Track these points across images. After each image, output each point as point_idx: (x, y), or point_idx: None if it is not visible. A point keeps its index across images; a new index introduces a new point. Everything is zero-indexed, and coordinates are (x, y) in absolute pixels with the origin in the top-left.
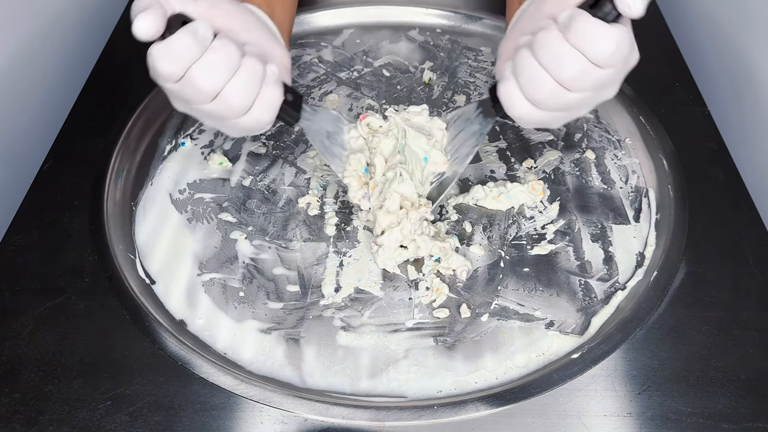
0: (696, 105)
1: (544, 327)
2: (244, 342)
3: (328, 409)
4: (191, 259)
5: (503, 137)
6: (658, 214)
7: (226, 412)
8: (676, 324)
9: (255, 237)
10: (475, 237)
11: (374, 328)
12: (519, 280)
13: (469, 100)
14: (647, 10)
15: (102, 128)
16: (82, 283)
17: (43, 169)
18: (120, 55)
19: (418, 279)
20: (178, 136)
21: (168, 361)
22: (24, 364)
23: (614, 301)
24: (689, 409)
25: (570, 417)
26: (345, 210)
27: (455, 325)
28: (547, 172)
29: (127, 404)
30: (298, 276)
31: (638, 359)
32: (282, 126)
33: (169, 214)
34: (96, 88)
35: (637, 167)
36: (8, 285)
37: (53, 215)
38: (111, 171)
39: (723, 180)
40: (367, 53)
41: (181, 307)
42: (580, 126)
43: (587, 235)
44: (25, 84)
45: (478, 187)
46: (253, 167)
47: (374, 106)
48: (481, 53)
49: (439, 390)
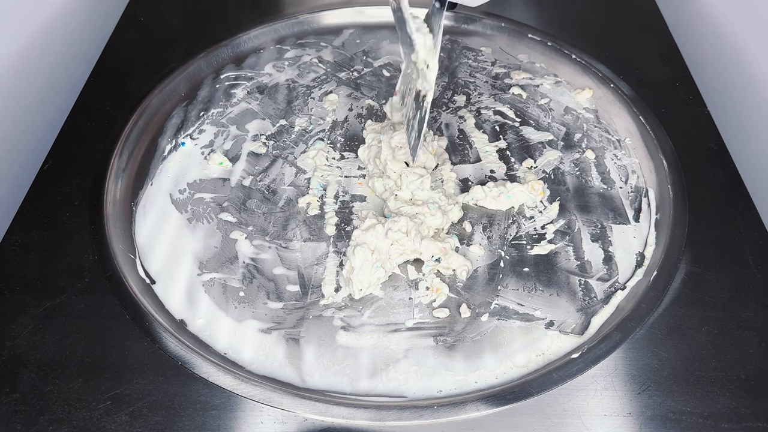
0: (696, 105)
1: (544, 327)
2: (244, 342)
3: (328, 408)
4: (191, 259)
5: (503, 137)
6: (657, 214)
7: (226, 412)
8: (676, 324)
9: (255, 237)
10: (475, 237)
11: (374, 327)
12: (519, 279)
13: (469, 101)
14: (647, 10)
15: (102, 128)
16: (82, 283)
17: (43, 169)
18: (120, 56)
19: (418, 279)
20: (178, 136)
21: (168, 361)
22: (24, 364)
23: (614, 301)
24: (689, 409)
25: (570, 417)
26: (345, 210)
27: (455, 325)
28: (547, 172)
29: (127, 404)
30: (298, 276)
31: (638, 359)
32: (282, 126)
33: (169, 214)
34: (96, 88)
35: (637, 167)
36: (8, 285)
37: (53, 215)
38: (111, 171)
39: (723, 180)
40: (367, 53)
41: (181, 307)
42: (580, 126)
43: (587, 235)
44: (25, 84)
45: (478, 187)
46: (253, 167)
47: (374, 106)
48: (481, 53)
49: (439, 390)
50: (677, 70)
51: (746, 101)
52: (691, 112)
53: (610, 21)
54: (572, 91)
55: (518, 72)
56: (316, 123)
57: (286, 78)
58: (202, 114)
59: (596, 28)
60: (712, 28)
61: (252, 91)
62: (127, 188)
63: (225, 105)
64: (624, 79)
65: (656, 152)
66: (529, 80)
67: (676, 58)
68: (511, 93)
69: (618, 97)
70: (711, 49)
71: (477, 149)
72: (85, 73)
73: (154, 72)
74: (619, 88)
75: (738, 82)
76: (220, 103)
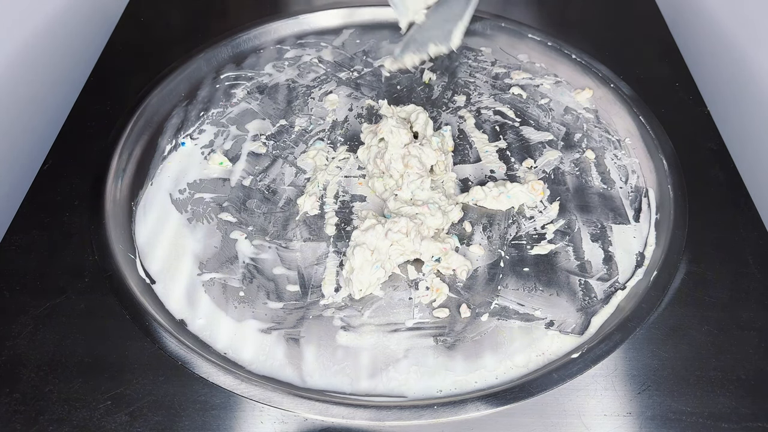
0: (696, 105)
1: (544, 327)
2: (244, 342)
3: (328, 408)
4: (191, 258)
5: (503, 137)
6: (657, 214)
7: (226, 412)
8: (676, 324)
9: (255, 237)
10: (475, 237)
11: (374, 327)
12: (519, 279)
13: (469, 101)
14: (647, 10)
15: (102, 128)
16: (82, 283)
17: (43, 169)
18: (120, 56)
19: (418, 279)
20: (178, 136)
21: (168, 361)
22: (24, 364)
23: (614, 301)
24: (689, 409)
25: (570, 417)
26: (345, 210)
27: (455, 325)
28: (547, 172)
29: (127, 404)
30: (298, 276)
31: (638, 359)
32: (282, 126)
33: (169, 214)
34: (96, 88)
35: (636, 167)
36: (8, 285)
37: (53, 215)
38: (111, 171)
39: (723, 180)
40: (367, 53)
41: (181, 306)
42: (580, 126)
43: (587, 234)
44: (26, 84)
45: (478, 188)
46: (253, 167)
47: (374, 106)
48: (481, 53)
49: (439, 390)
50: (677, 70)
51: (746, 101)
52: (691, 112)
53: (610, 21)
54: (572, 91)
55: (518, 72)
56: (316, 123)
57: (286, 78)
58: (202, 114)
59: (596, 28)
60: (712, 28)
61: (252, 91)
62: (127, 188)
63: (225, 105)
64: (624, 79)
65: (656, 152)
66: (529, 80)
67: (676, 58)
68: (511, 93)
69: (618, 97)
70: (711, 49)
71: (477, 149)
72: (85, 73)
73: (154, 72)
74: (619, 88)
75: (738, 82)
76: (220, 103)
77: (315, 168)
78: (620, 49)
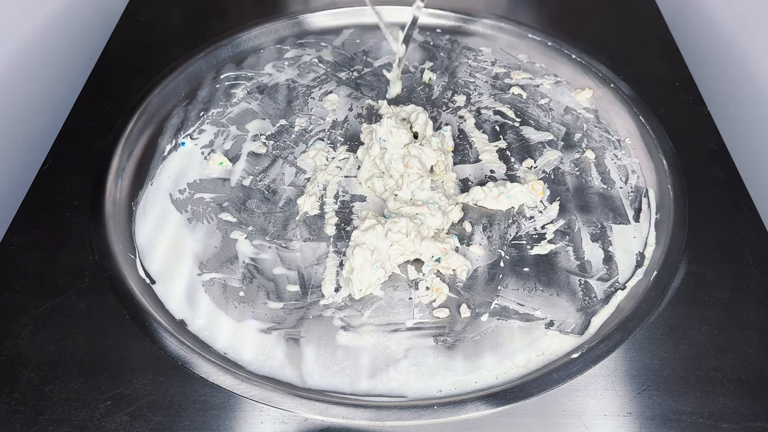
0: (696, 105)
1: (543, 327)
2: (244, 342)
3: (328, 408)
4: (191, 258)
5: (503, 137)
6: (657, 214)
7: (226, 412)
8: (676, 324)
9: (255, 237)
10: (475, 237)
11: (374, 327)
12: (519, 279)
13: (469, 101)
14: (647, 9)
15: (102, 128)
16: (82, 283)
17: (43, 169)
18: (120, 56)
19: (418, 279)
20: (178, 136)
21: (168, 361)
22: (24, 364)
23: (614, 301)
24: (689, 409)
25: (570, 417)
26: (345, 210)
27: (455, 325)
28: (547, 172)
29: (127, 404)
30: (298, 276)
31: (638, 359)
32: (282, 126)
33: (169, 214)
34: (96, 88)
35: (636, 167)
36: (8, 285)
37: (53, 215)
38: (111, 171)
39: (723, 180)
40: (367, 53)
41: (181, 306)
42: (580, 126)
43: (587, 234)
44: (26, 84)
45: (478, 188)
46: (253, 167)
47: (374, 106)
48: (481, 53)
49: (439, 390)
50: (677, 70)
51: (746, 101)
52: (691, 112)
53: (610, 21)
54: (572, 91)
55: (518, 72)
56: (316, 123)
57: (286, 78)
58: (202, 114)
59: (596, 28)
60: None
61: (252, 91)
62: (127, 188)
63: (225, 105)
64: (624, 79)
65: (656, 152)
66: (529, 80)
67: (676, 58)
68: (511, 93)
69: (618, 97)
70: (711, 49)
71: (477, 149)
72: (85, 73)
73: (154, 72)
74: (619, 88)
75: (738, 82)
76: (220, 103)
77: (315, 168)
78: (620, 49)
